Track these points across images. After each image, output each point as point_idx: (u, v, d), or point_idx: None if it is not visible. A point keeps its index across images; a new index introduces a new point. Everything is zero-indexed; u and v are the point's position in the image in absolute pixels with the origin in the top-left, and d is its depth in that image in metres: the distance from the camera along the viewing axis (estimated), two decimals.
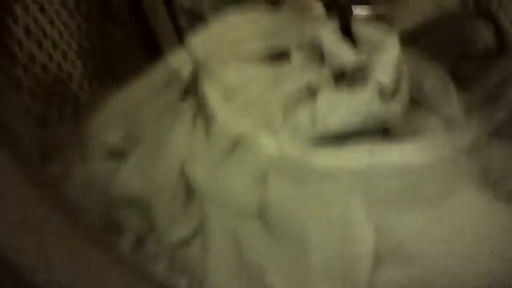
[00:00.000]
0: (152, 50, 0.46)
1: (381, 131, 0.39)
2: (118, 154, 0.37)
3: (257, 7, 0.42)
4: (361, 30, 0.39)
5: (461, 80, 0.47)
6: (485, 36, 0.49)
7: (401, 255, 0.31)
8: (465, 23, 0.50)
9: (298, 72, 0.39)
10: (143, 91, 0.38)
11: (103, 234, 0.30)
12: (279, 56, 0.40)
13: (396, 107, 0.38)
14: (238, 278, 0.32)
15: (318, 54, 0.39)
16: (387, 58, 0.37)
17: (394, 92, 0.38)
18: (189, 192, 0.35)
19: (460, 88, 0.46)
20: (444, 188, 0.34)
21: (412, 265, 0.31)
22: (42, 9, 0.37)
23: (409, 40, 0.50)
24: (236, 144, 0.37)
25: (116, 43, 0.46)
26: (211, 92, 0.38)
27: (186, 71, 0.39)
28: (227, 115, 0.37)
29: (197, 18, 0.50)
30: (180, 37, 0.46)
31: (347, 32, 0.39)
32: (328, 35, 0.38)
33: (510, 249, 0.32)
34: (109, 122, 0.37)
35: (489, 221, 0.33)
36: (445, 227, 0.32)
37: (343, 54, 0.38)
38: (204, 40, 0.39)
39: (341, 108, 0.37)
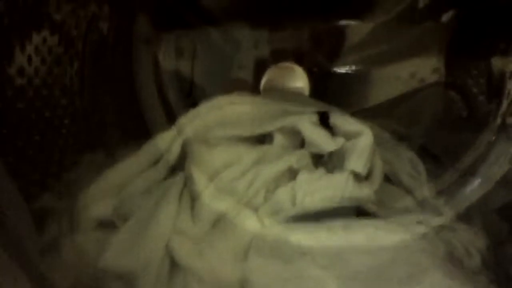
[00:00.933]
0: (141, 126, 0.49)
1: (355, 208, 0.42)
2: (107, 227, 0.39)
3: (243, 92, 0.46)
4: (338, 120, 0.43)
5: (433, 154, 0.52)
6: (458, 106, 0.54)
7: None
8: (439, 95, 0.55)
9: (280, 155, 0.42)
10: (132, 169, 0.41)
11: None
12: (261, 139, 0.44)
13: (369, 190, 0.41)
14: None
15: (298, 139, 0.43)
16: (361, 146, 0.40)
17: (367, 176, 0.41)
18: (174, 266, 0.37)
19: (432, 164, 0.50)
20: (414, 269, 0.36)
21: None
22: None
23: (385, 111, 0.56)
24: (219, 221, 0.39)
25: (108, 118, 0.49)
26: (197, 173, 0.41)
27: (174, 152, 0.41)
28: (210, 194, 0.40)
29: (185, 95, 0.54)
30: (168, 113, 0.49)
31: (325, 122, 0.43)
32: (308, 124, 0.42)
33: None
34: (99, 197, 0.39)
35: None
36: None
37: (322, 140, 0.42)
38: (192, 122, 0.43)
39: (319, 191, 0.40)
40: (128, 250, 0.37)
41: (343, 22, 0.58)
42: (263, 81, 0.56)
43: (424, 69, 0.56)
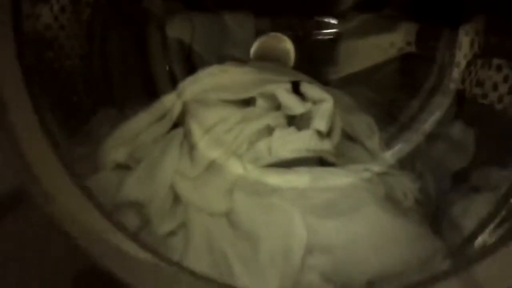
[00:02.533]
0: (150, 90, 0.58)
1: (318, 159, 0.53)
2: (123, 169, 0.50)
3: (233, 62, 0.56)
4: (307, 88, 0.54)
5: (395, 117, 0.62)
6: (428, 74, 0.61)
7: (324, 248, 0.44)
8: (410, 64, 0.63)
9: (260, 115, 0.53)
10: (142, 123, 0.51)
11: None
12: (247, 101, 0.54)
13: (329, 145, 0.52)
14: (210, 267, 0.45)
15: (276, 102, 0.54)
16: (323, 109, 0.51)
17: (328, 134, 0.52)
18: (176, 199, 0.48)
19: (387, 119, 0.60)
20: (358, 204, 0.48)
21: (330, 255, 0.44)
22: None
23: (363, 78, 0.65)
24: (211, 166, 0.50)
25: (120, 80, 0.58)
26: (194, 127, 0.51)
27: (176, 110, 0.52)
28: (205, 144, 0.51)
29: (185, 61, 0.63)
30: (173, 80, 0.59)
31: (296, 90, 0.54)
32: (283, 91, 0.53)
33: (399, 247, 0.45)
34: (117, 144, 0.50)
35: (389, 229, 0.47)
36: (355, 230, 0.45)
37: (294, 104, 0.53)
38: (191, 86, 0.53)
39: (290, 143, 0.51)
40: (140, 185, 0.47)
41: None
42: (253, 49, 0.65)
43: (402, 38, 0.62)
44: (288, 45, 0.65)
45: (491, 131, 0.52)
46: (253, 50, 0.65)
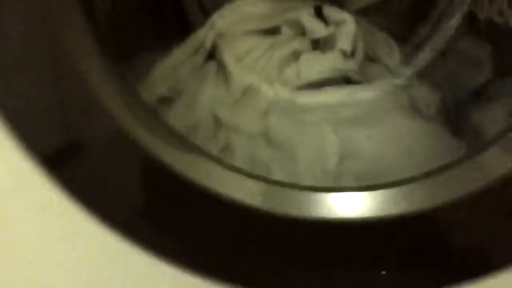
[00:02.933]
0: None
1: (344, 79, 0.57)
2: (166, 101, 0.54)
3: None
4: (329, 12, 0.57)
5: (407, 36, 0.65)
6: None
7: (355, 155, 0.49)
8: None
9: (287, 41, 0.56)
10: (180, 57, 0.55)
11: None
12: (274, 30, 0.58)
13: (354, 64, 0.56)
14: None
15: (300, 29, 0.57)
16: (347, 31, 0.55)
17: (352, 54, 0.56)
18: (217, 124, 0.53)
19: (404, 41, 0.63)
20: (384, 114, 0.52)
21: (362, 160, 0.49)
22: None
23: (375, 10, 0.68)
24: (246, 91, 0.55)
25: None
26: (227, 56, 0.55)
27: (208, 43, 0.56)
28: (238, 72, 0.55)
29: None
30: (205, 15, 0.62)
31: (320, 14, 0.57)
32: (307, 16, 0.56)
33: (424, 151, 0.50)
34: (158, 79, 0.54)
35: (414, 133, 0.52)
36: (384, 137, 0.50)
37: (318, 28, 0.56)
38: (222, 18, 0.56)
39: (317, 65, 0.55)
40: (184, 113, 0.52)
41: None
42: None
43: None
44: None
45: (507, 45, 0.54)
46: None
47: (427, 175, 0.38)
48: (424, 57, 0.61)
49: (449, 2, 0.63)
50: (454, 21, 0.62)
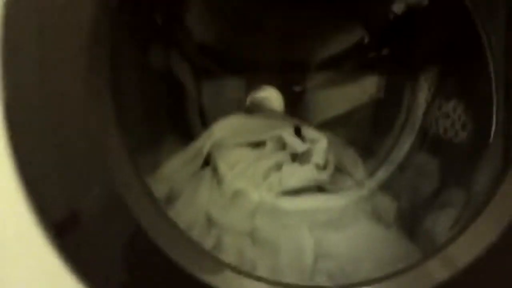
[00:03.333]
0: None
1: (318, 188, 0.67)
2: (166, 201, 0.62)
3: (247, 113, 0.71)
4: (305, 131, 0.69)
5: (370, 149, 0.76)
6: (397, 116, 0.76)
7: (328, 255, 0.58)
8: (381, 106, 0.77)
9: (271, 154, 0.67)
10: (180, 161, 0.64)
11: None
12: (260, 143, 0.69)
13: (326, 175, 0.67)
14: None
15: (282, 144, 0.68)
16: (320, 147, 0.66)
17: (324, 166, 0.67)
18: (211, 223, 0.61)
19: (367, 154, 0.74)
20: (352, 220, 0.62)
21: (333, 260, 0.57)
22: None
23: (339, 122, 0.79)
24: (236, 195, 0.64)
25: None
26: (221, 164, 0.65)
27: (205, 150, 0.65)
28: (230, 178, 0.64)
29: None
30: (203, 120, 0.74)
31: (298, 133, 0.69)
32: (288, 134, 0.68)
33: (385, 254, 0.58)
34: (160, 180, 0.62)
35: (376, 238, 0.61)
36: (350, 240, 0.59)
37: (297, 144, 0.67)
38: (218, 131, 0.67)
39: (296, 175, 0.65)
40: (183, 212, 0.60)
41: (308, 56, 0.77)
42: (248, 100, 0.78)
43: (372, 87, 0.76)
44: (276, 95, 0.78)
45: (452, 160, 0.63)
46: (248, 100, 0.78)
47: (388, 276, 0.46)
48: (385, 171, 0.72)
49: (406, 117, 0.76)
50: (410, 137, 0.75)
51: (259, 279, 0.45)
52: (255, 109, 0.77)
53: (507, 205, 0.46)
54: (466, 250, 0.45)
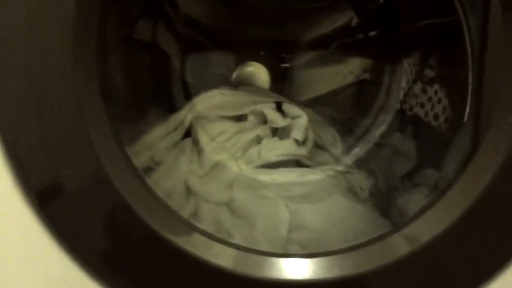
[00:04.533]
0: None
1: (296, 162, 0.69)
2: (145, 170, 0.63)
3: (232, 88, 0.72)
4: (286, 107, 0.70)
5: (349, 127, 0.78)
6: (377, 97, 0.79)
7: (302, 226, 0.60)
8: (363, 87, 0.80)
9: (251, 128, 0.69)
10: (161, 132, 0.65)
11: None
12: (242, 117, 0.70)
13: (304, 151, 0.68)
14: None
15: (263, 119, 0.70)
16: (300, 124, 0.67)
17: (303, 142, 0.69)
18: (189, 192, 0.63)
19: (346, 132, 0.77)
20: (327, 194, 0.64)
21: (306, 231, 0.60)
22: None
23: (326, 100, 0.81)
24: (215, 166, 0.65)
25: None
26: (201, 136, 0.66)
27: (187, 123, 0.67)
28: (210, 150, 0.66)
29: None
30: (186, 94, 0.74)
31: (279, 108, 0.70)
32: (269, 109, 0.69)
33: (357, 228, 0.61)
34: (141, 150, 0.64)
35: (349, 212, 0.63)
36: (324, 213, 0.61)
37: (277, 119, 0.69)
38: (201, 103, 0.68)
39: (275, 149, 0.67)
40: (161, 181, 0.61)
41: (297, 35, 0.79)
42: (235, 75, 0.79)
43: (359, 68, 0.78)
44: (263, 72, 0.79)
45: (428, 141, 0.66)
46: (234, 75, 0.80)
47: (355, 247, 0.49)
48: (362, 148, 0.75)
49: (386, 98, 0.78)
50: (388, 117, 0.77)
51: (228, 244, 0.47)
52: (241, 84, 0.78)
53: (472, 186, 0.48)
54: (428, 227, 0.47)
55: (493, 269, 0.48)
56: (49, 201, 0.44)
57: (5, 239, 0.46)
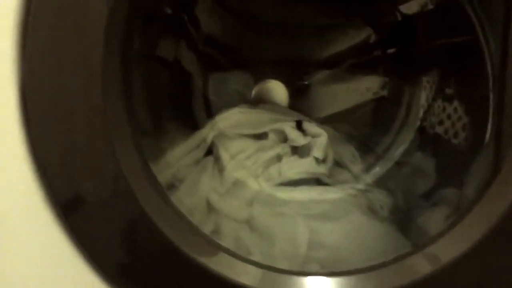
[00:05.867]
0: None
1: (316, 180, 0.69)
2: (168, 187, 0.65)
3: (251, 106, 0.73)
4: (307, 126, 0.71)
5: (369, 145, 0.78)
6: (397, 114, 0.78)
7: (321, 244, 0.60)
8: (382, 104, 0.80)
9: (272, 146, 0.69)
10: (184, 150, 0.66)
11: None
12: (262, 135, 0.71)
13: (324, 169, 0.69)
14: None
15: (283, 137, 0.70)
16: (320, 142, 0.68)
17: (323, 160, 0.69)
18: (210, 209, 0.63)
19: (366, 150, 0.77)
20: (346, 212, 0.64)
21: (325, 249, 0.60)
22: None
23: (342, 118, 0.81)
24: (236, 184, 0.66)
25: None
26: (223, 153, 0.67)
27: (209, 140, 0.68)
28: (231, 167, 0.67)
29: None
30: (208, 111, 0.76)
31: (299, 127, 0.71)
32: (290, 127, 0.70)
33: (376, 247, 0.61)
34: (164, 167, 0.65)
35: (369, 230, 0.63)
36: (343, 231, 0.61)
37: (297, 138, 0.69)
38: (222, 121, 0.69)
39: (295, 168, 0.67)
40: (184, 198, 0.62)
41: (314, 52, 0.79)
42: (253, 93, 0.80)
43: (376, 85, 0.78)
44: (282, 89, 0.80)
45: (449, 160, 0.65)
46: (253, 93, 0.80)
47: (377, 266, 0.49)
48: (382, 167, 0.75)
49: (406, 116, 0.78)
50: (409, 135, 0.77)
51: (252, 262, 0.47)
52: (260, 102, 0.79)
53: (494, 207, 0.48)
54: (451, 247, 0.47)
55: None
56: (72, 212, 0.45)
57: (27, 247, 0.47)
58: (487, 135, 0.54)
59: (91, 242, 0.46)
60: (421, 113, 0.75)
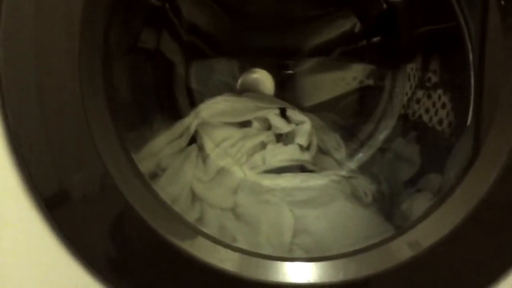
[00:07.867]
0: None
1: (300, 167, 0.70)
2: (151, 176, 0.64)
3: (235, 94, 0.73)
4: (291, 113, 0.71)
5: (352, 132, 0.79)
6: (380, 102, 0.79)
7: (305, 231, 0.61)
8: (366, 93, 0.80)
9: (256, 134, 0.69)
10: (167, 139, 0.66)
11: None
12: (246, 123, 0.71)
13: (308, 156, 0.69)
14: None
15: (267, 125, 0.70)
16: (304, 129, 0.68)
17: (308, 147, 0.69)
18: (194, 197, 0.63)
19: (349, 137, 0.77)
20: (331, 199, 0.64)
21: (310, 235, 0.60)
22: None
23: (327, 107, 0.81)
24: (220, 172, 0.66)
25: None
26: (206, 142, 0.67)
27: (192, 129, 0.67)
28: (215, 156, 0.67)
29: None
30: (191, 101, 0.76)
31: (283, 114, 0.71)
32: (273, 115, 0.70)
33: (360, 232, 0.61)
34: (147, 156, 0.65)
35: (353, 216, 0.64)
36: (328, 217, 0.62)
37: (281, 125, 0.69)
38: (206, 110, 0.68)
39: (279, 155, 0.68)
40: (167, 187, 0.62)
41: (300, 41, 0.80)
42: (239, 82, 0.79)
43: (362, 73, 0.78)
44: (268, 78, 0.80)
45: (432, 146, 0.66)
46: (239, 82, 0.80)
47: (358, 251, 0.49)
48: (365, 153, 0.75)
49: (389, 103, 0.78)
50: (391, 122, 0.77)
51: (234, 249, 0.48)
52: (246, 91, 0.78)
53: (474, 190, 0.49)
54: (430, 233, 0.48)
55: (496, 274, 0.48)
56: (57, 207, 0.45)
57: (13, 243, 0.47)
58: (468, 121, 0.54)
59: (78, 236, 0.46)
60: (404, 101, 0.76)
